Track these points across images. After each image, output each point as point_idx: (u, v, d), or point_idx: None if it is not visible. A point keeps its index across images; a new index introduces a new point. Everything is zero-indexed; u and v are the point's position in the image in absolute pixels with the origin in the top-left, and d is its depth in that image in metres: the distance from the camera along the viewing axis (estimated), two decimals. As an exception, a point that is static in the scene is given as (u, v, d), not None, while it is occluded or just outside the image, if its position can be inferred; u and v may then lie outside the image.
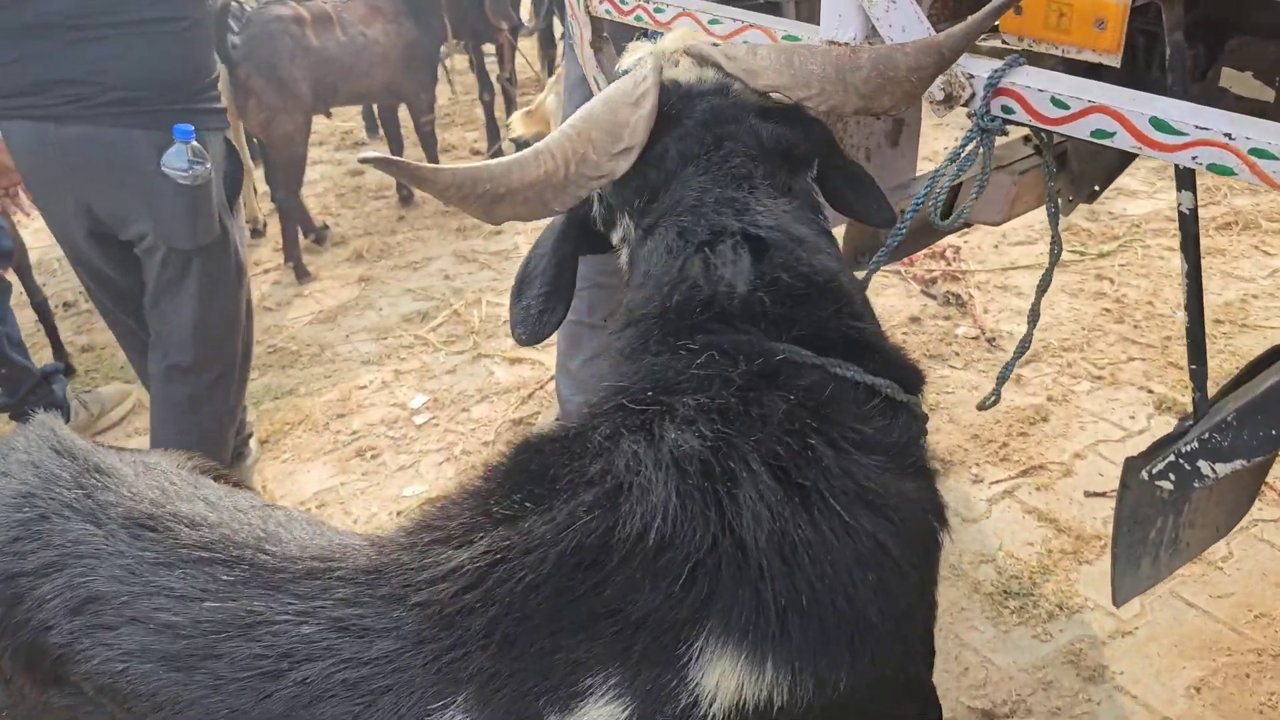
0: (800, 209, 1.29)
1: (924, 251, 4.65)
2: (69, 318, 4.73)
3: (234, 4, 4.50)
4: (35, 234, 5.83)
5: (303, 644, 1.12)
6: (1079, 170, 2.68)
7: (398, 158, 1.25)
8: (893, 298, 4.38)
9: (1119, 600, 1.80)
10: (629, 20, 2.04)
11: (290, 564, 1.19)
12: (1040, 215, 2.71)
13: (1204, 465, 1.47)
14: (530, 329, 1.31)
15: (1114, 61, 1.41)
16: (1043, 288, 1.85)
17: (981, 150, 1.53)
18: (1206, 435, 1.45)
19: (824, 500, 1.11)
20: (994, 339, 4.05)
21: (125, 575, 1.19)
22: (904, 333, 4.10)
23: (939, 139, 5.95)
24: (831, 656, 1.10)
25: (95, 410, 3.79)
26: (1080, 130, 1.35)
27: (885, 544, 1.13)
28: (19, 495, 1.29)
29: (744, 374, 1.15)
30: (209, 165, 2.63)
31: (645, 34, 1.98)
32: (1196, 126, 1.24)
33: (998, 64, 1.43)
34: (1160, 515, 1.72)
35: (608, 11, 2.08)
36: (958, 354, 3.97)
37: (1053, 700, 2.49)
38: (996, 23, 1.48)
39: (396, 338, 4.31)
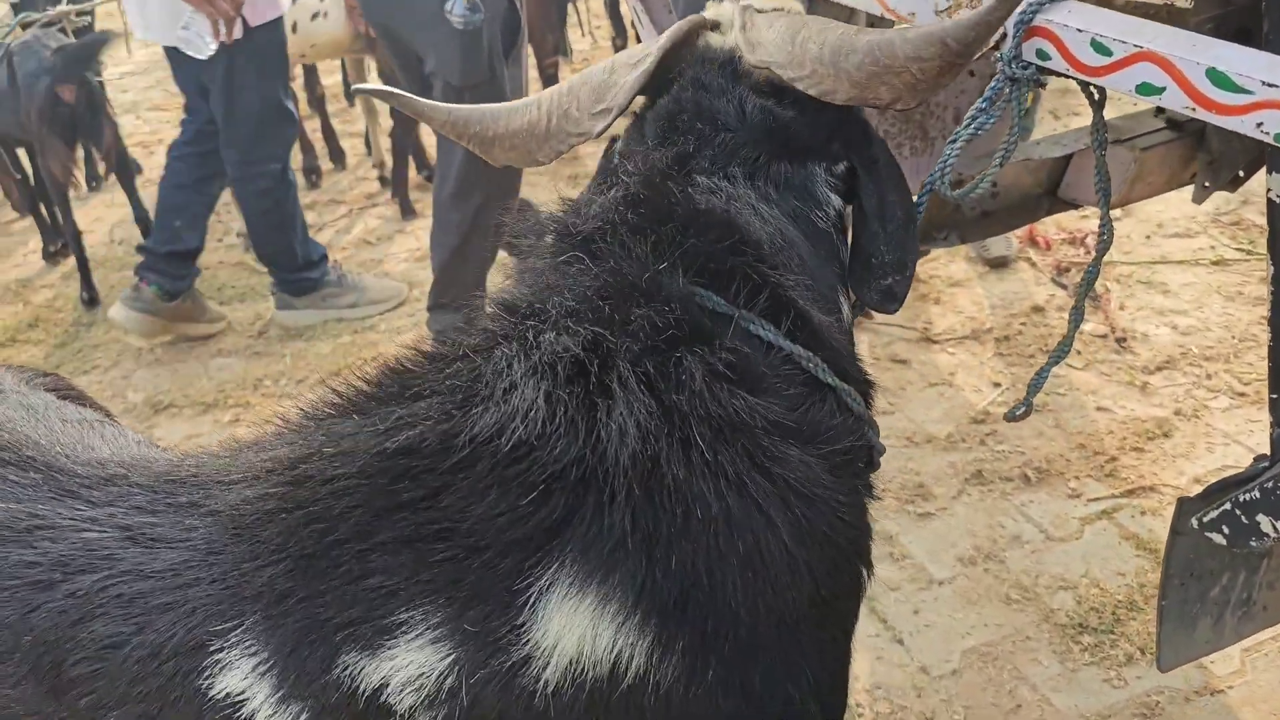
0: (767, 192, 1.15)
1: (1062, 236, 4.23)
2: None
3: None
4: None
5: (82, 552, 1.01)
6: (1218, 151, 2.30)
7: (395, 90, 1.32)
8: (1016, 283, 3.99)
9: (1164, 665, 1.51)
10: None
11: (91, 470, 1.10)
12: (1205, 205, 2.35)
13: (1265, 521, 1.17)
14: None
15: (1185, 1, 1.10)
16: (1088, 282, 1.56)
17: (1013, 103, 1.25)
18: (1271, 484, 1.14)
19: (699, 435, 0.95)
20: (1124, 340, 3.62)
21: None
22: (1021, 323, 3.73)
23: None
24: (695, 631, 0.94)
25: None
26: (1124, 83, 1.07)
27: (763, 508, 0.96)
28: None
29: (622, 286, 1.03)
30: (483, 15, 3.11)
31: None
32: (1265, 83, 0.94)
33: None
34: (1227, 570, 1.42)
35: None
36: (1079, 352, 3.56)
37: (1113, 757, 2.18)
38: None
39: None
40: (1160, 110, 2.10)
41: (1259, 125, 0.97)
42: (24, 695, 1.03)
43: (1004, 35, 1.20)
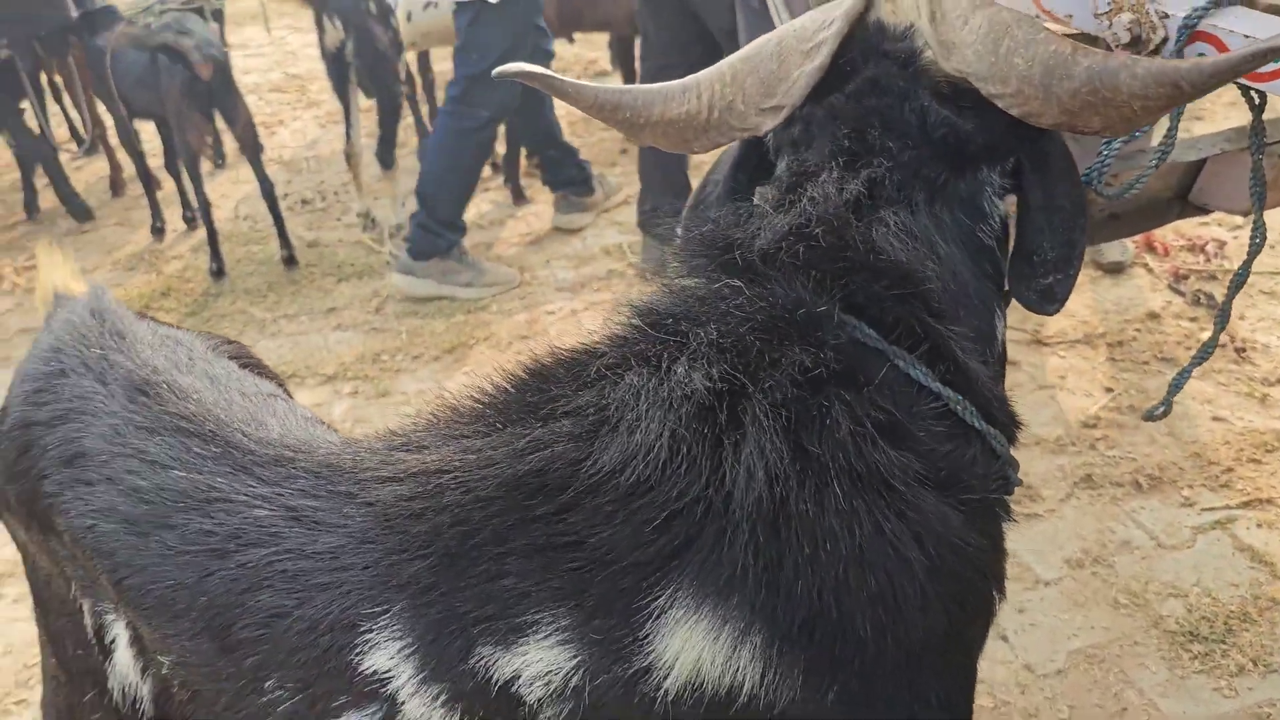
0: (936, 212, 1.11)
1: (1181, 243, 4.14)
2: (303, 214, 5.07)
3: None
4: (293, 134, 6.28)
5: (253, 527, 1.10)
6: (1361, 157, 2.26)
7: (542, 70, 1.22)
8: (1131, 289, 3.93)
9: None
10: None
11: (263, 448, 1.17)
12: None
13: None
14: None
15: None
16: (1237, 284, 1.55)
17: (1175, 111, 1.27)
18: None
19: (836, 482, 0.97)
20: (1244, 350, 3.54)
21: (111, 435, 1.22)
22: (1136, 329, 3.67)
23: (1229, 118, 5.26)
24: (817, 659, 0.97)
25: (608, 190, 4.64)
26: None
27: (905, 556, 0.98)
28: (50, 349, 1.36)
29: (777, 322, 1.02)
30: None
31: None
32: None
33: (1200, 2, 1.17)
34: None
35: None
36: (1195, 360, 3.50)
37: (1222, 765, 2.17)
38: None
39: (594, 268, 4.32)
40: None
41: None
42: (198, 648, 1.14)
43: (1165, 39, 1.22)
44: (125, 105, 4.84)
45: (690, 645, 0.97)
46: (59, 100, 6.30)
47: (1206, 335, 3.70)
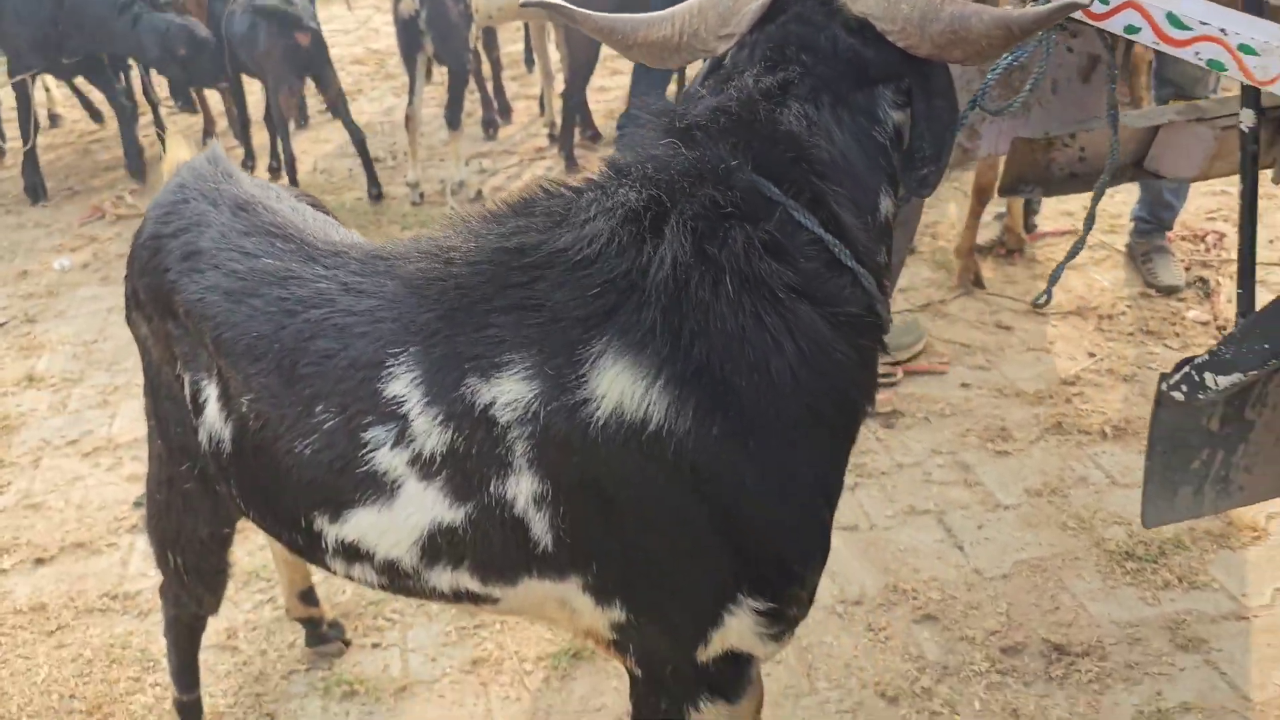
0: (837, 110, 1.40)
1: (1182, 232, 4.39)
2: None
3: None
4: (370, 101, 6.76)
5: (315, 295, 1.50)
6: (1293, 136, 2.55)
7: (558, 1, 1.48)
8: (1129, 271, 4.20)
9: (1148, 522, 1.82)
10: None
11: (327, 247, 1.58)
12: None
13: (1209, 377, 1.50)
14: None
15: None
16: (1099, 192, 1.86)
17: (1043, 45, 1.60)
18: (1215, 348, 1.48)
19: (721, 271, 1.30)
20: (1226, 329, 3.82)
21: (218, 238, 1.63)
22: (1126, 305, 3.96)
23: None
24: (704, 401, 1.30)
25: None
26: (1116, 25, 1.41)
27: (775, 339, 1.30)
28: (178, 185, 1.79)
29: (700, 170, 1.34)
30: None
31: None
32: (1200, 22, 1.28)
33: None
34: (1206, 446, 1.74)
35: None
36: (1178, 335, 3.78)
37: (1134, 654, 2.47)
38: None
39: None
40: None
41: (1196, 53, 1.30)
42: (271, 384, 1.53)
43: None
44: (233, 62, 5.35)
45: (615, 383, 1.32)
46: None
47: (1194, 315, 3.99)
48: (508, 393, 1.36)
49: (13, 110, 7.06)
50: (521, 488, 1.41)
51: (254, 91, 5.89)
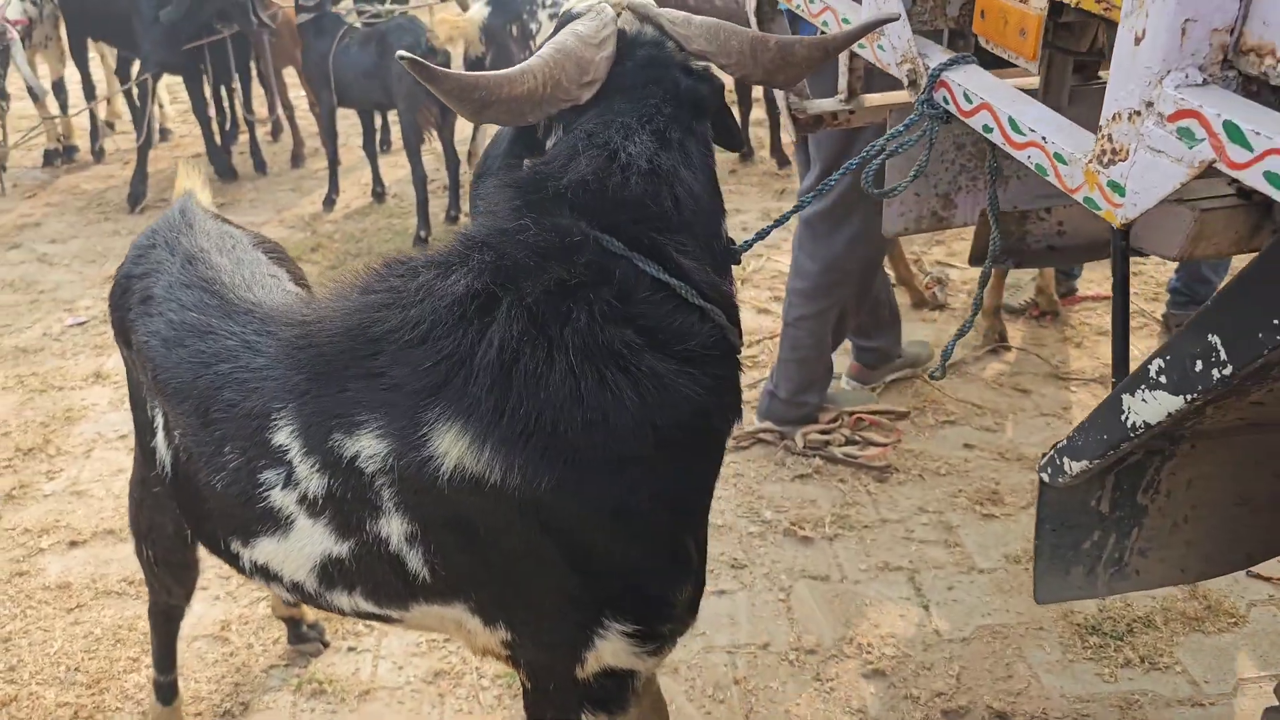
0: (684, 145, 1.54)
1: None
2: (443, 197, 5.81)
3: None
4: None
5: (224, 351, 1.68)
6: (1282, 220, 2.54)
7: (418, 58, 1.45)
8: (1161, 339, 4.14)
9: (1040, 598, 1.85)
10: (789, 4, 2.33)
11: (242, 304, 1.75)
12: None
13: (1065, 461, 1.55)
14: (474, 209, 1.68)
15: (1031, 67, 1.50)
16: (982, 280, 1.92)
17: (928, 134, 1.68)
18: (1072, 433, 1.53)
19: (560, 348, 1.41)
20: (1253, 407, 3.73)
21: (167, 286, 1.83)
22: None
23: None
24: (532, 458, 1.42)
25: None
26: (976, 124, 1.48)
27: (617, 395, 1.40)
28: (151, 231, 2.01)
29: (548, 249, 1.45)
30: None
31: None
32: (1030, 129, 1.35)
33: (946, 57, 1.58)
34: (1097, 528, 1.77)
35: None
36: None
37: (1078, 731, 2.48)
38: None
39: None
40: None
41: (1029, 158, 1.36)
42: (191, 424, 1.72)
43: (927, 84, 1.63)
44: (338, 96, 5.68)
45: (453, 445, 1.44)
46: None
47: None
48: (368, 447, 1.51)
49: (116, 118, 7.66)
50: (393, 528, 1.56)
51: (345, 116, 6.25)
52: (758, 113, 6.84)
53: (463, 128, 7.13)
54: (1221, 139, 1.04)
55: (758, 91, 6.52)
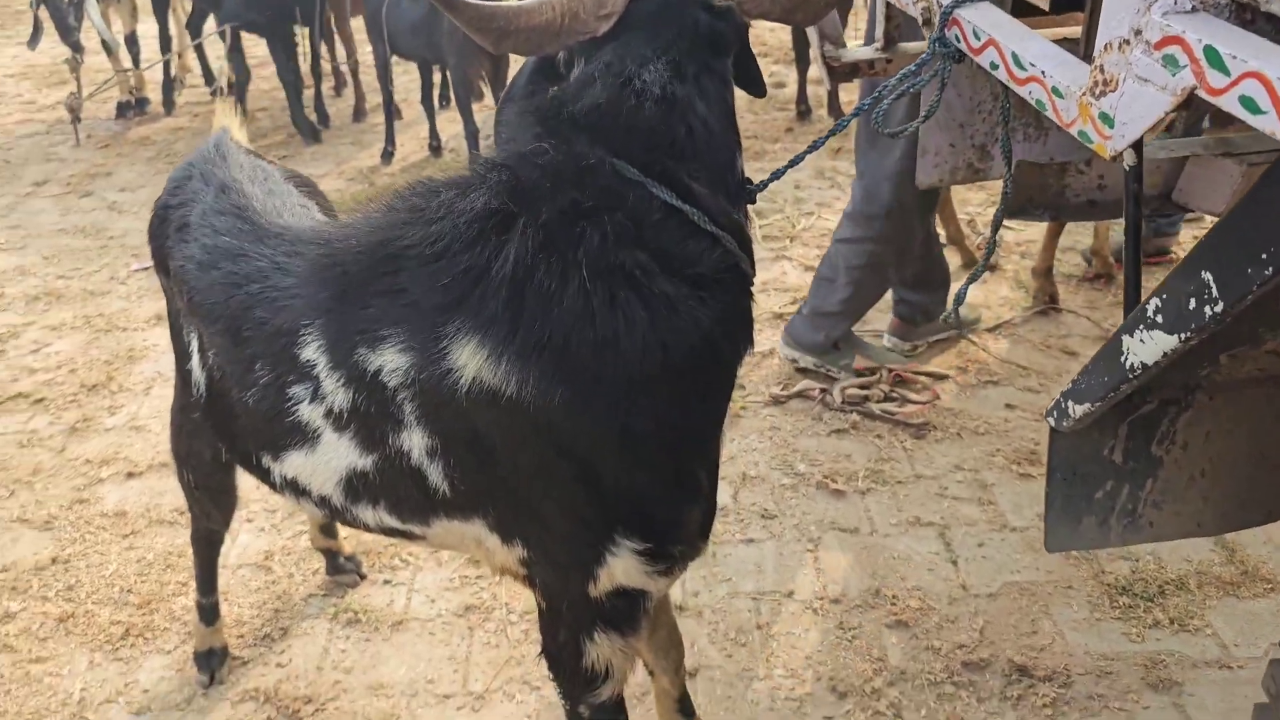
0: (700, 79, 1.55)
1: None
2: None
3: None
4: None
5: (255, 272, 1.74)
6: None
7: None
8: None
9: (1050, 547, 1.84)
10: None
11: (275, 229, 1.81)
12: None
13: (1069, 405, 1.54)
14: (497, 137, 1.72)
15: (1043, 3, 1.47)
16: (996, 222, 1.89)
17: (940, 73, 1.66)
18: (1076, 377, 1.52)
19: (574, 266, 1.44)
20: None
21: (201, 214, 1.89)
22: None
23: None
24: (545, 372, 1.46)
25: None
26: (983, 61, 1.46)
27: (627, 315, 1.43)
28: (187, 164, 2.07)
29: (563, 171, 1.48)
30: None
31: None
32: (1030, 63, 1.33)
33: None
34: (1110, 478, 1.75)
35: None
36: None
37: (1100, 687, 2.46)
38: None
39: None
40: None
41: (1030, 93, 1.34)
42: (225, 343, 1.79)
43: (939, 21, 1.61)
44: (391, 47, 5.76)
45: (471, 358, 1.49)
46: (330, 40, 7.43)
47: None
48: (390, 361, 1.56)
49: (187, 71, 7.83)
50: (414, 441, 1.61)
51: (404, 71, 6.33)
52: (815, 71, 6.76)
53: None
54: (1202, 64, 1.03)
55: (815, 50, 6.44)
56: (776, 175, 1.84)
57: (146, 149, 6.63)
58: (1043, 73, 1.34)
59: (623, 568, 1.60)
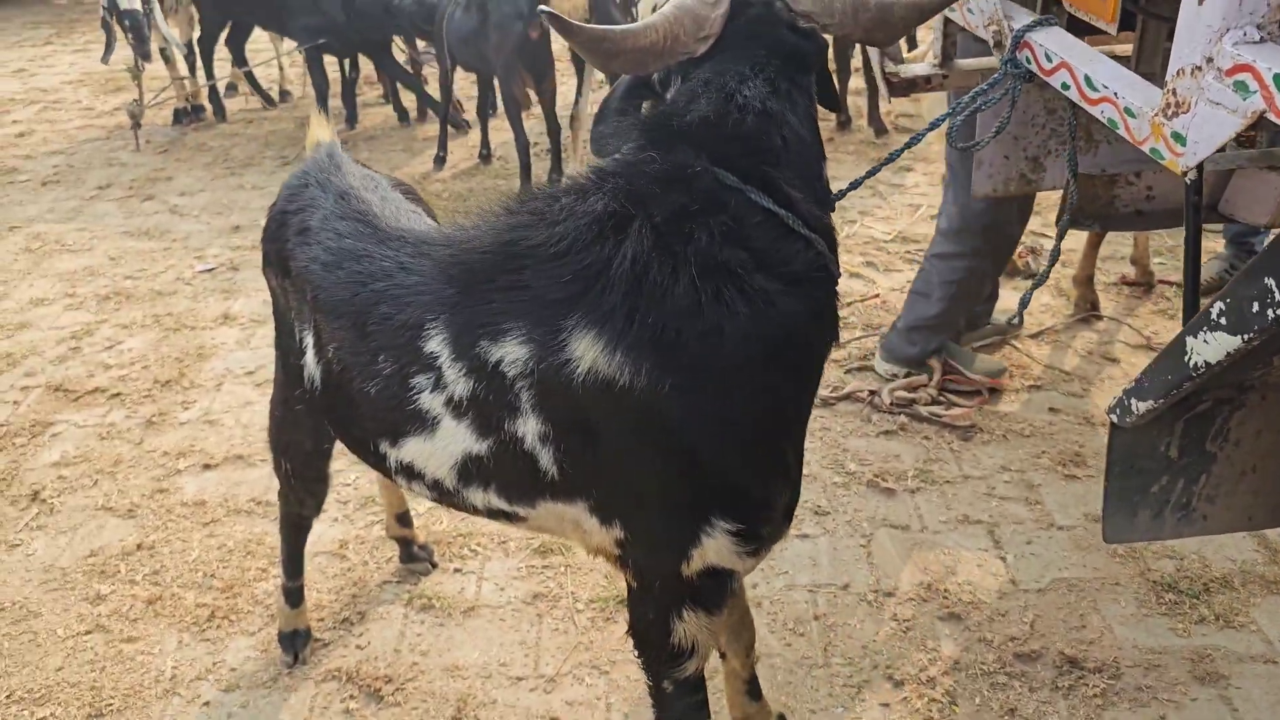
0: (790, 94, 1.70)
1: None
2: (545, 159, 5.99)
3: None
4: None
5: (380, 271, 1.87)
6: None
7: (557, 13, 1.64)
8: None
9: (1108, 538, 1.95)
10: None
11: (395, 232, 1.96)
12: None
13: (1132, 402, 1.65)
14: (598, 148, 1.87)
15: (1110, 29, 1.58)
16: (1061, 230, 1.99)
17: (1011, 92, 1.78)
18: (1139, 375, 1.63)
19: (684, 263, 1.57)
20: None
21: (322, 218, 2.04)
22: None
23: None
24: (657, 362, 1.58)
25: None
26: (1055, 81, 1.57)
27: (731, 309, 1.56)
28: (302, 172, 2.21)
29: (671, 177, 1.62)
30: None
31: None
32: (1103, 85, 1.44)
33: (1030, 20, 1.67)
34: (1165, 473, 1.86)
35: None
36: None
37: (1148, 679, 2.55)
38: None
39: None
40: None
41: (1102, 112, 1.45)
42: (348, 338, 1.92)
43: (1011, 44, 1.73)
44: (451, 58, 5.92)
45: (588, 349, 1.61)
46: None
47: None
48: (511, 353, 1.69)
49: (239, 80, 8.05)
50: (529, 427, 1.74)
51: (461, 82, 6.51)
52: (856, 82, 6.87)
53: (564, 95, 7.32)
54: (1272, 90, 1.14)
55: (856, 60, 6.55)
56: (855, 184, 1.96)
57: (204, 155, 6.83)
58: (1115, 94, 1.45)
59: (715, 548, 1.72)
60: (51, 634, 2.87)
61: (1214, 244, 4.44)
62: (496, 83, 5.99)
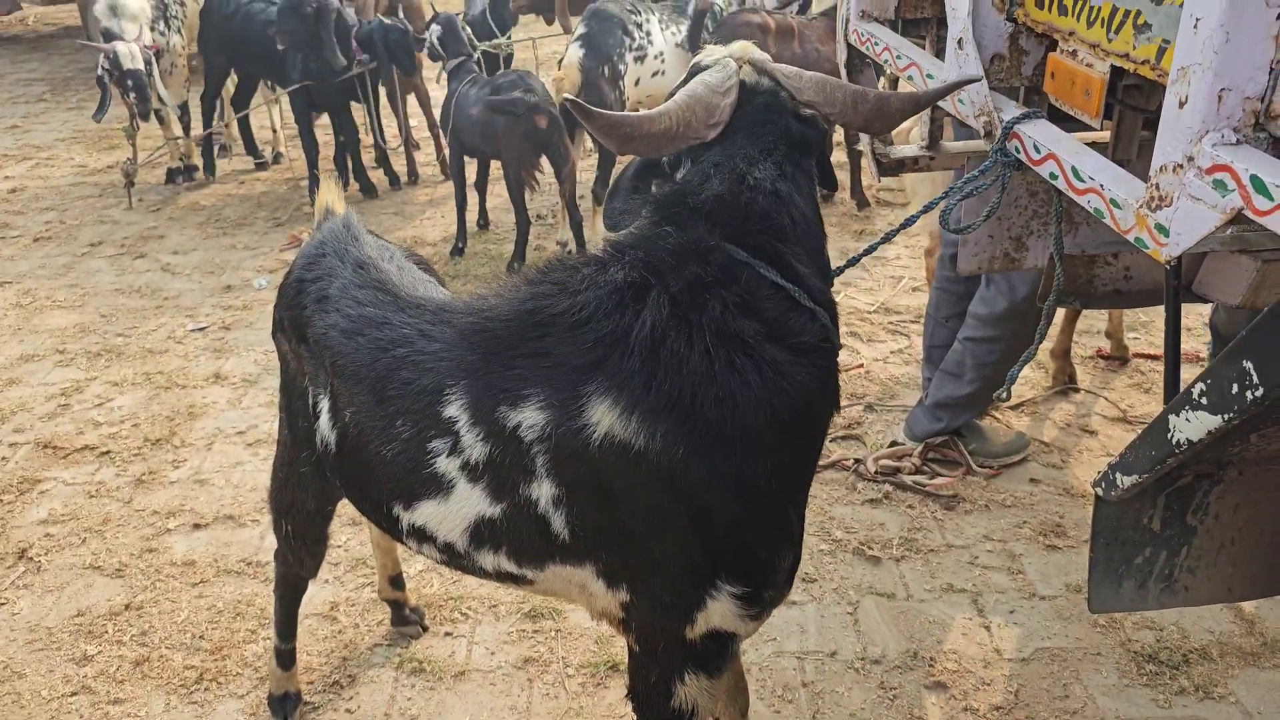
0: (795, 177, 1.80)
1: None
2: (536, 226, 6.08)
3: (715, 5, 5.48)
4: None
5: (400, 338, 1.93)
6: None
7: (579, 100, 1.74)
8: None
9: (1094, 608, 2.01)
10: (877, 59, 2.56)
11: (414, 301, 2.02)
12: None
13: (1117, 476, 1.72)
14: (612, 223, 1.95)
15: (1094, 124, 1.69)
16: (1049, 311, 2.09)
17: (1001, 179, 1.88)
18: (1124, 451, 1.71)
19: (699, 332, 1.65)
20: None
21: (341, 287, 2.10)
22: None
23: None
24: (672, 427, 1.65)
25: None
26: (1043, 171, 1.67)
27: (743, 376, 1.64)
28: (319, 242, 2.28)
29: (686, 251, 1.71)
30: None
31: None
32: (1090, 176, 1.54)
33: (1018, 112, 1.78)
34: (1149, 545, 1.93)
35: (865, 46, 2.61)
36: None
37: (1129, 750, 2.60)
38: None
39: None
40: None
41: (1089, 202, 1.55)
42: (367, 402, 1.97)
43: (1001, 135, 1.84)
44: (459, 141, 5.93)
45: (605, 415, 1.68)
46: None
47: None
48: (529, 418, 1.75)
49: (234, 141, 8.15)
50: (543, 491, 1.79)
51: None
52: (838, 155, 7.05)
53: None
54: (1249, 190, 1.23)
55: (838, 136, 6.74)
56: (853, 261, 2.06)
57: (196, 214, 6.90)
58: (1101, 185, 1.55)
59: (720, 611, 1.77)
60: (36, 695, 2.86)
61: (1191, 321, 4.58)
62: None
